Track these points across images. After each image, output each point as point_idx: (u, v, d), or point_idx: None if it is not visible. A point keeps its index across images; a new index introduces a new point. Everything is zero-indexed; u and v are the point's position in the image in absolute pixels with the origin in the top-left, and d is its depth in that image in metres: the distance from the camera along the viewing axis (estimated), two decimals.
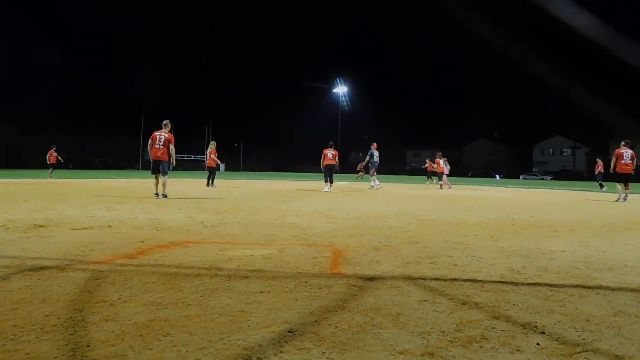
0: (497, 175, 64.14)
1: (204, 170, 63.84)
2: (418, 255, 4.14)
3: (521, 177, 65.50)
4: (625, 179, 13.35)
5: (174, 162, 11.00)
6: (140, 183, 19.27)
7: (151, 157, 10.89)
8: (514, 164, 73.34)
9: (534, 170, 73.95)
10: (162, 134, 10.89)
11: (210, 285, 2.95)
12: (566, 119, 73.60)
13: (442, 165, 20.48)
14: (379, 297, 2.73)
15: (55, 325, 2.16)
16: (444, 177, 20.59)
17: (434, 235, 5.40)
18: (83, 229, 5.32)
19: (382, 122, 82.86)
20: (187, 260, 3.70)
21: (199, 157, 68.92)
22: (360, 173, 30.85)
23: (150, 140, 10.92)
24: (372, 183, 18.69)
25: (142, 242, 4.55)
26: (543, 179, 62.22)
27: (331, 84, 56.22)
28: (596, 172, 22.40)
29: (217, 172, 18.19)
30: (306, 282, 3.06)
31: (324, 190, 15.29)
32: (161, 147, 10.80)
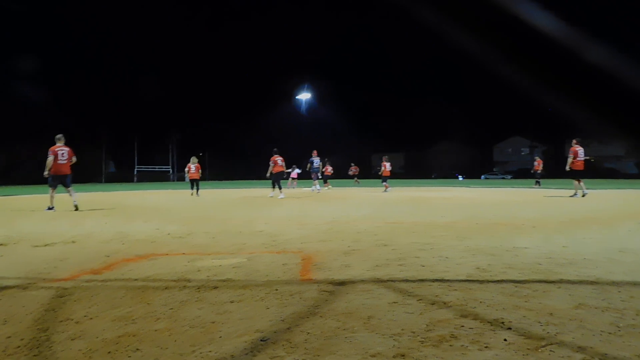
0: (460, 176, 65.51)
1: (170, 180, 62.89)
2: (387, 257, 4.19)
3: (482, 177, 67.14)
4: (580, 175, 13.93)
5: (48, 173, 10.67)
6: (106, 196, 18.78)
7: (54, 171, 10.57)
8: (475, 165, 75.11)
9: (494, 170, 75.88)
10: (63, 149, 10.72)
11: (179, 297, 2.91)
12: (524, 120, 76.09)
13: (387, 168, 20.91)
14: (350, 301, 2.75)
15: (19, 346, 2.08)
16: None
17: (402, 238, 5.48)
18: (45, 245, 5.15)
19: (347, 127, 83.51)
20: (155, 273, 3.63)
21: (163, 168, 67.84)
22: (355, 179, 31.29)
23: (51, 156, 10.55)
24: (312, 187, 19.93)
25: (108, 256, 4.43)
26: (503, 178, 63.93)
27: (295, 90, 56.42)
28: (534, 170, 23.42)
29: (185, 182, 20.61)
30: (277, 290, 3.05)
31: (270, 195, 15.26)
32: (65, 161, 10.68)
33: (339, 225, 6.97)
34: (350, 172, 29.21)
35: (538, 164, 23.54)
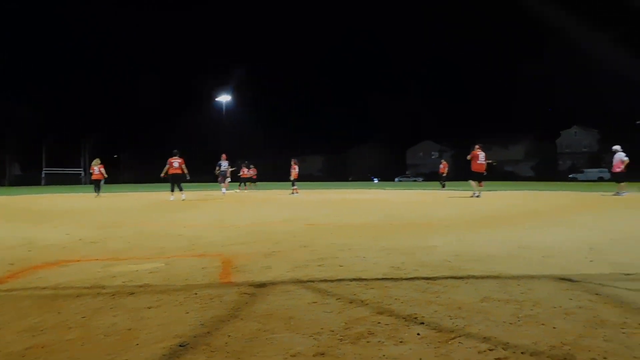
0: (375, 179, 67.66)
1: (82, 183, 58.72)
2: (307, 258, 4.24)
3: (396, 179, 69.95)
4: (479, 177, 15.06)
5: None
6: (10, 200, 17.19)
7: None
8: (389, 168, 78.08)
9: (407, 172, 79.32)
10: None
11: (93, 305, 2.74)
12: (433, 125, 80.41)
13: (296, 171, 21.40)
14: (271, 303, 2.75)
15: None
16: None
17: (321, 239, 5.56)
18: None
19: (267, 130, 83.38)
20: (65, 281, 3.39)
21: (74, 171, 63.27)
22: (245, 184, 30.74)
23: None
24: (222, 190, 20.34)
25: (13, 264, 4.07)
26: (415, 180, 67.02)
27: (215, 92, 55.07)
28: (440, 173, 24.98)
29: (101, 184, 20.36)
30: (196, 294, 2.98)
31: (171, 199, 14.92)
32: None
33: (259, 227, 6.93)
34: (245, 174, 27.06)
35: (443, 167, 25.01)
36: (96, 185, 19.73)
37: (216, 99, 50.79)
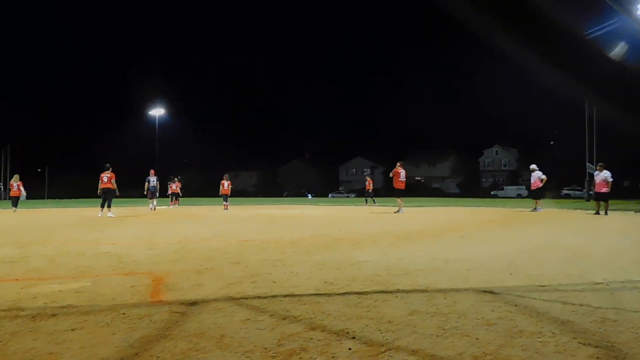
0: (309, 195, 68.09)
1: (2, 199, 53.89)
2: (240, 275, 4.18)
3: (330, 195, 70.72)
4: (402, 193, 15.72)
5: None
6: None
7: None
8: (323, 184, 78.86)
9: (340, 189, 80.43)
10: None
11: (10, 328, 2.55)
12: (365, 142, 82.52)
13: (175, 187, 24.03)
14: (202, 321, 2.68)
15: None
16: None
17: (254, 255, 5.50)
18: None
19: (203, 144, 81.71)
20: None
21: None
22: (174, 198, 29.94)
23: None
24: (151, 205, 20.18)
25: None
26: (348, 196, 68.07)
27: (148, 105, 53.08)
28: (366, 190, 25.69)
29: (19, 201, 20.23)
30: (124, 314, 2.84)
31: (99, 215, 14.32)
32: None
33: (190, 244, 6.74)
34: (174, 189, 25.87)
35: (369, 184, 25.65)
36: (14, 202, 19.59)
37: (149, 112, 49.03)
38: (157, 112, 48.26)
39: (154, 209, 19.67)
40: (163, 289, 3.63)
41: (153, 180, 21.09)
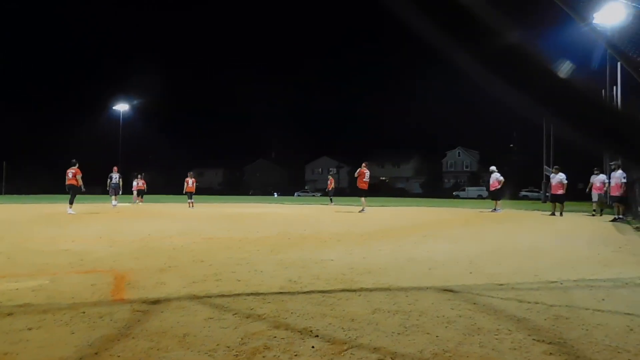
0: (275, 193, 67.81)
1: None
2: (204, 273, 4.14)
3: (296, 194, 70.63)
4: (365, 193, 15.97)
5: None
6: None
7: None
8: (289, 183, 78.79)
9: (306, 187, 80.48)
10: None
11: None
12: (331, 142, 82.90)
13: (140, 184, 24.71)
14: (165, 320, 2.66)
15: None
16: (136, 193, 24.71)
17: (218, 253, 5.46)
18: None
19: (167, 141, 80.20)
20: None
21: None
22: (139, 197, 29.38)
23: None
24: (113, 202, 19.81)
25: None
26: (314, 195, 68.18)
27: (111, 101, 51.50)
28: (328, 189, 25.97)
29: None
30: (84, 313, 2.78)
31: (68, 211, 13.93)
32: None
33: (154, 241, 6.62)
34: (139, 186, 25.19)
35: (330, 183, 25.84)
36: None
37: (113, 107, 47.73)
38: (121, 107, 47.07)
39: (116, 206, 19.24)
40: (125, 287, 3.57)
41: (116, 177, 20.82)
